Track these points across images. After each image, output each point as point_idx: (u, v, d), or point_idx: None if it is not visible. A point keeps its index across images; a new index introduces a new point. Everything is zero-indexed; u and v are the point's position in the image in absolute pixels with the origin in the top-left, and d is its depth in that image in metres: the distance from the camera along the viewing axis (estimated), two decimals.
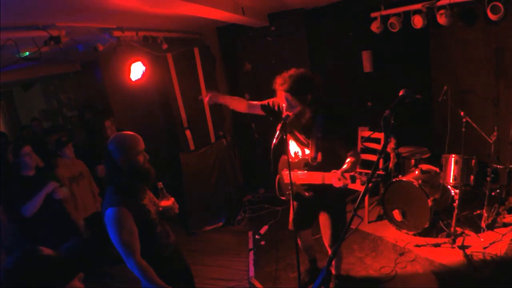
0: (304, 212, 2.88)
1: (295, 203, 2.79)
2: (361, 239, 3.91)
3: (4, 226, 3.15)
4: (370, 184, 1.75)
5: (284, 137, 2.44)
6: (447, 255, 3.38)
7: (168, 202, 2.19)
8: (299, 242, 3.18)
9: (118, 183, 1.96)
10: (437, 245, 3.51)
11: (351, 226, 1.63)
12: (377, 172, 2.15)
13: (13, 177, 3.21)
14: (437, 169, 3.96)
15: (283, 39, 5.00)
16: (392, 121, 1.96)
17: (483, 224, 3.61)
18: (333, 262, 3.02)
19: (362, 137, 4.51)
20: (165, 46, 4.12)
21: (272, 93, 2.65)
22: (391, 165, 4.19)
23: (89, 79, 6.50)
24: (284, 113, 2.42)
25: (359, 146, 4.61)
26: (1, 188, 3.11)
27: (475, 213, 3.87)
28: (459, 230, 3.64)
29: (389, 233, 3.93)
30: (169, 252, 2.15)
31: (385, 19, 4.28)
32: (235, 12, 3.63)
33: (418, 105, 4.42)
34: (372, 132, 4.13)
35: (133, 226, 1.89)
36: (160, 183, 2.17)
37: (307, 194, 2.64)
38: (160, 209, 2.17)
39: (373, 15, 4.36)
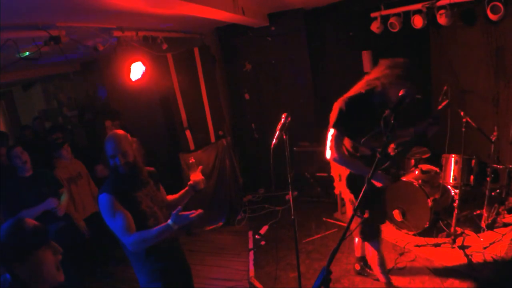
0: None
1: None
2: None
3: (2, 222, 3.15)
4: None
5: (284, 137, 2.44)
6: (447, 255, 3.38)
7: (197, 176, 2.37)
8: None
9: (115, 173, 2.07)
10: (437, 245, 3.51)
11: (351, 226, 1.62)
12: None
13: (10, 178, 3.21)
14: (437, 169, 3.96)
15: (283, 39, 5.00)
16: (392, 121, 1.96)
17: (483, 224, 3.60)
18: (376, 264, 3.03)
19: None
20: (165, 46, 4.12)
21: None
22: None
23: (89, 79, 6.50)
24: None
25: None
26: (0, 188, 3.12)
27: (475, 213, 3.87)
28: (459, 230, 3.64)
29: (389, 233, 3.92)
30: (165, 246, 2.16)
31: (385, 19, 4.28)
32: (235, 12, 3.63)
33: (418, 105, 4.42)
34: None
35: (123, 209, 1.97)
36: (192, 158, 2.44)
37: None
38: (191, 182, 2.36)
39: (373, 15, 4.36)
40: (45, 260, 1.39)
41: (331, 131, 2.54)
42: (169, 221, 1.94)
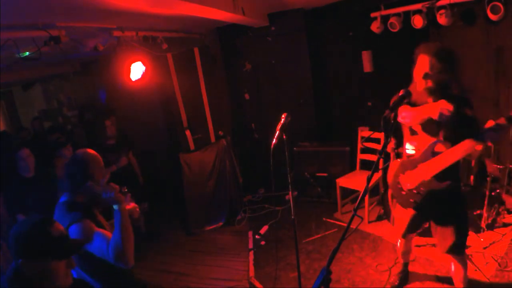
0: (420, 213, 2.60)
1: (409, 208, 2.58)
2: (361, 239, 3.91)
3: (4, 220, 3.16)
4: (370, 184, 1.75)
5: (284, 137, 2.44)
6: (447, 255, 3.37)
7: (131, 204, 2.29)
8: (400, 245, 2.97)
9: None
10: (437, 245, 3.50)
11: (351, 226, 1.63)
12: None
13: (13, 178, 3.22)
14: None
15: (283, 39, 5.00)
16: (392, 121, 1.96)
17: (483, 224, 3.60)
18: (459, 276, 2.64)
19: (362, 137, 4.51)
20: (165, 46, 4.13)
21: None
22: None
23: (89, 79, 6.51)
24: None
25: (359, 146, 4.62)
26: (2, 187, 3.13)
27: (475, 213, 3.86)
28: None
29: (389, 233, 3.93)
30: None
31: (385, 19, 4.28)
32: (235, 12, 3.63)
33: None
34: (372, 132, 4.13)
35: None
36: (125, 188, 2.25)
37: (441, 184, 2.34)
38: None
39: (373, 15, 4.36)
40: (56, 269, 1.37)
41: None
42: (114, 207, 1.87)
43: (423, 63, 2.23)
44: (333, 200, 4.73)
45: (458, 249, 2.51)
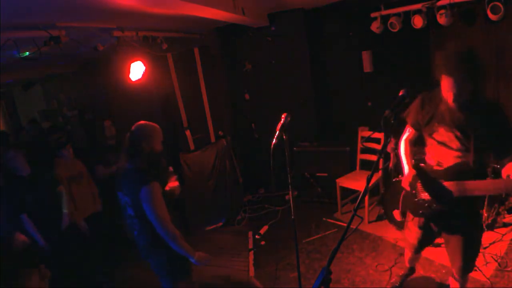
0: (430, 230, 2.48)
1: (417, 220, 2.46)
2: (361, 239, 3.91)
3: (3, 223, 3.15)
4: (370, 184, 1.75)
5: (284, 137, 2.44)
6: (447, 255, 3.37)
7: (175, 183, 2.62)
8: (408, 254, 2.86)
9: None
10: (437, 245, 3.50)
11: (351, 226, 1.63)
12: None
13: (8, 177, 3.21)
14: None
15: (283, 39, 5.01)
16: (392, 121, 1.96)
17: (483, 224, 3.60)
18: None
19: (362, 137, 4.51)
20: (165, 46, 4.13)
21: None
22: (391, 165, 4.19)
23: (89, 79, 6.51)
24: None
25: (359, 146, 4.62)
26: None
27: None
28: None
29: (389, 233, 3.93)
30: None
31: (385, 19, 4.28)
32: (235, 12, 3.63)
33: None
34: (372, 132, 4.13)
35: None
36: (171, 167, 2.63)
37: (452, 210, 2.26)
38: (167, 188, 2.52)
39: (373, 15, 4.36)
40: (29, 285, 1.32)
41: None
42: (195, 255, 2.36)
43: (447, 84, 2.04)
44: (333, 200, 4.73)
45: (463, 272, 2.43)
